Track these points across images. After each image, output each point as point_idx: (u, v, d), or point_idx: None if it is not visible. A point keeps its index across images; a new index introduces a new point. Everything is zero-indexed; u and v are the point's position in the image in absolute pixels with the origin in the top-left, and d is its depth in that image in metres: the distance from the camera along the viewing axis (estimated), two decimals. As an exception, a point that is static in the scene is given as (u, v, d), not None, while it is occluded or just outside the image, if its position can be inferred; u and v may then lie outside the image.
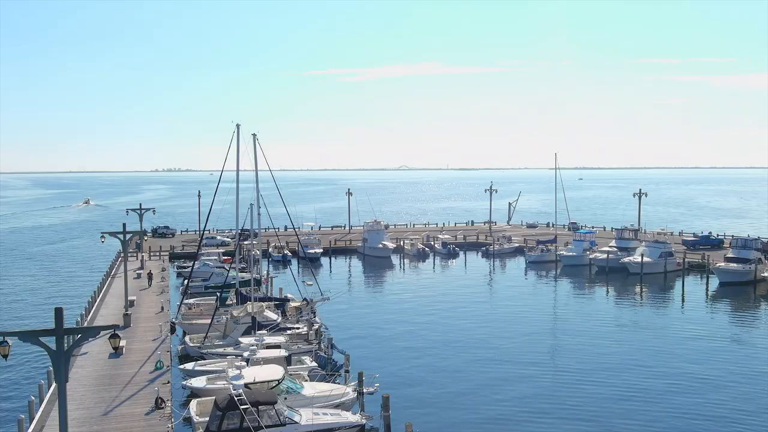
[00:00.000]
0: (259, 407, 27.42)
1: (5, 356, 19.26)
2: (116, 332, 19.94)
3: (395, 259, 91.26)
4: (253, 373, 30.63)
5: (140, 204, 73.50)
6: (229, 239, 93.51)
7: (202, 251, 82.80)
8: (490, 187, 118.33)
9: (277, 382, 30.60)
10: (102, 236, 53.38)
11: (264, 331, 40.44)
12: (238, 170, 48.09)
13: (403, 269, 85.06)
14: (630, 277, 73.77)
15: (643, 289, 68.37)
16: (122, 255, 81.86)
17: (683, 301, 63.21)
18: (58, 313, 18.96)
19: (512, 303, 62.47)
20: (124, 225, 48.40)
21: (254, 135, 50.77)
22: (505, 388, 37.29)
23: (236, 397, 27.34)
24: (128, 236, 48.20)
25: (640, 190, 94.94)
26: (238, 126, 48.03)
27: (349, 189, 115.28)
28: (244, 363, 31.85)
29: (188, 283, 51.14)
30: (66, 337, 19.01)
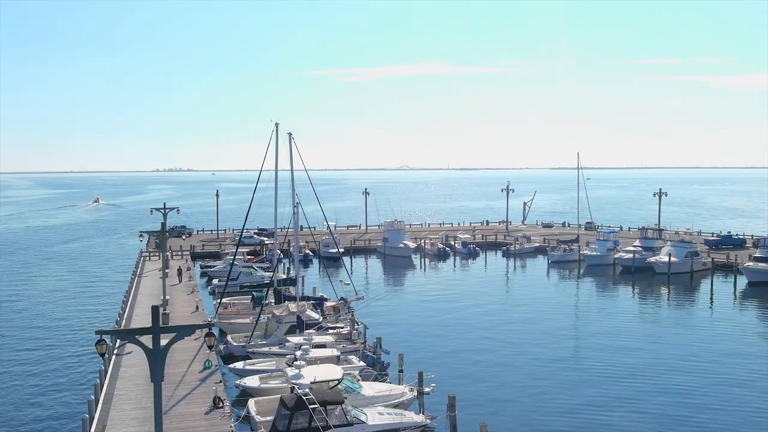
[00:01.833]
0: (327, 407, 27.25)
1: (102, 355, 19.11)
2: (211, 331, 19.72)
3: (415, 259, 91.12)
4: (313, 373, 30.38)
5: (164, 203, 72.87)
6: (266, 238, 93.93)
7: (226, 251, 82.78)
8: (507, 186, 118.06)
9: (337, 382, 30.38)
10: (140, 235, 53.25)
11: (312, 330, 40.26)
12: (277, 169, 47.90)
13: (425, 269, 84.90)
14: (656, 277, 73.56)
15: (671, 289, 68.20)
16: (144, 254, 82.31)
17: (712, 300, 63.07)
18: (155, 311, 18.75)
19: (541, 302, 62.35)
20: (162, 224, 48.28)
21: (290, 134, 50.59)
22: (556, 385, 37.16)
23: (304, 396, 27.17)
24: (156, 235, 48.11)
25: (660, 189, 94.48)
26: (277, 125, 47.85)
27: (366, 189, 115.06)
28: (303, 362, 31.59)
29: (227, 282, 50.84)
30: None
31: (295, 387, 28.91)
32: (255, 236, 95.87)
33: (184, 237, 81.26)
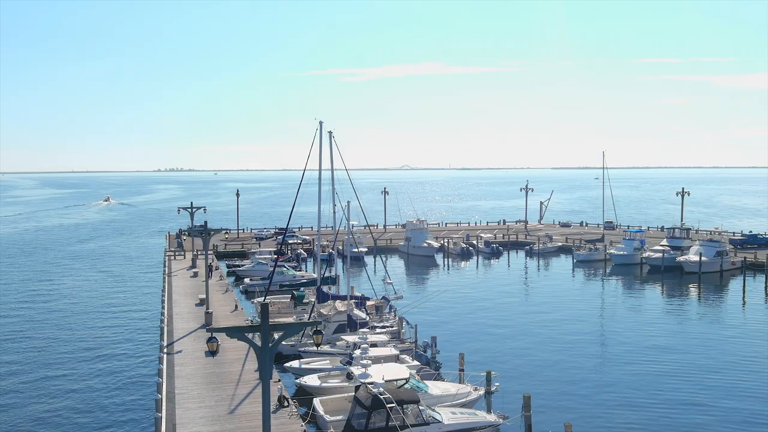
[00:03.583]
0: (404, 406, 27.11)
1: (213, 353, 18.96)
2: (318, 329, 19.55)
3: (439, 258, 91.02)
4: (380, 372, 30.20)
5: (191, 203, 72.78)
6: (308, 237, 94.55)
7: (254, 250, 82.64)
8: (526, 185, 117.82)
9: (405, 381, 30.22)
10: (183, 234, 53.17)
11: (367, 330, 40.06)
12: (320, 168, 47.57)
13: (449, 268, 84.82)
14: (685, 277, 73.42)
15: (704, 288, 68.12)
16: (168, 253, 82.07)
17: (744, 299, 62.99)
18: (264, 308, 18.59)
19: (575, 300, 62.44)
20: (205, 222, 48.23)
21: (330, 132, 50.29)
22: (609, 381, 37.08)
23: (381, 395, 27.01)
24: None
25: (683, 188, 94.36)
26: (321, 123, 47.53)
27: (385, 188, 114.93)
28: (369, 361, 31.42)
29: (270, 281, 50.61)
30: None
31: (367, 386, 28.70)
32: (297, 235, 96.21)
33: (227, 235, 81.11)
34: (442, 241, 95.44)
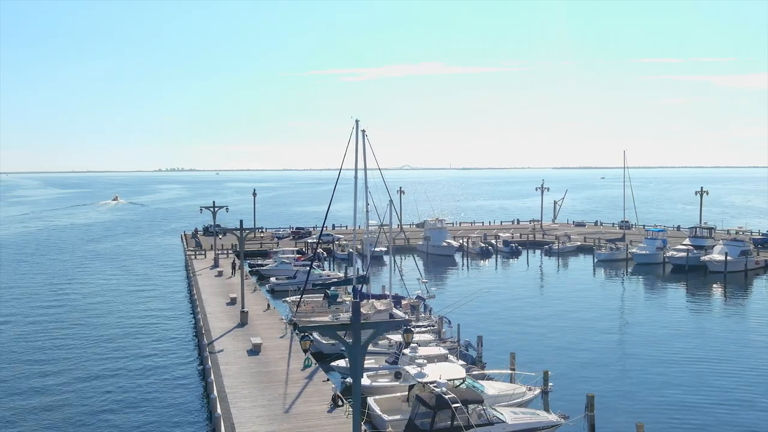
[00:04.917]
0: (468, 405, 26.90)
1: (306, 350, 18.80)
2: (409, 327, 19.34)
3: (458, 258, 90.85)
4: (437, 371, 29.99)
5: (213, 202, 72.74)
6: (342, 236, 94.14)
7: (276, 249, 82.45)
8: (542, 185, 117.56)
9: (461, 381, 30.03)
10: (219, 234, 52.95)
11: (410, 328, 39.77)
12: (356, 167, 47.37)
13: (468, 268, 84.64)
14: (709, 276, 73.21)
15: (730, 288, 67.97)
16: (188, 252, 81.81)
17: (771, 299, 63.00)
18: (355, 307, 18.40)
19: (602, 299, 62.28)
20: (240, 222, 47.97)
21: (363, 131, 50.10)
22: (654, 378, 36.90)
23: (445, 395, 26.81)
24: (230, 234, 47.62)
25: (702, 188, 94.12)
26: (357, 122, 47.38)
27: (401, 187, 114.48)
28: (424, 360, 31.21)
29: (306, 281, 50.37)
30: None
31: (427, 385, 28.48)
32: (333, 234, 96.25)
33: (262, 234, 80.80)
34: (460, 241, 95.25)
